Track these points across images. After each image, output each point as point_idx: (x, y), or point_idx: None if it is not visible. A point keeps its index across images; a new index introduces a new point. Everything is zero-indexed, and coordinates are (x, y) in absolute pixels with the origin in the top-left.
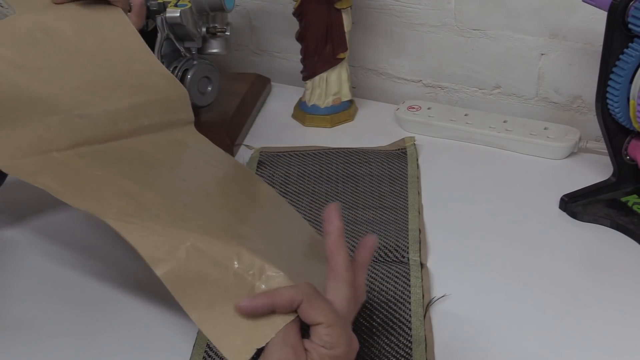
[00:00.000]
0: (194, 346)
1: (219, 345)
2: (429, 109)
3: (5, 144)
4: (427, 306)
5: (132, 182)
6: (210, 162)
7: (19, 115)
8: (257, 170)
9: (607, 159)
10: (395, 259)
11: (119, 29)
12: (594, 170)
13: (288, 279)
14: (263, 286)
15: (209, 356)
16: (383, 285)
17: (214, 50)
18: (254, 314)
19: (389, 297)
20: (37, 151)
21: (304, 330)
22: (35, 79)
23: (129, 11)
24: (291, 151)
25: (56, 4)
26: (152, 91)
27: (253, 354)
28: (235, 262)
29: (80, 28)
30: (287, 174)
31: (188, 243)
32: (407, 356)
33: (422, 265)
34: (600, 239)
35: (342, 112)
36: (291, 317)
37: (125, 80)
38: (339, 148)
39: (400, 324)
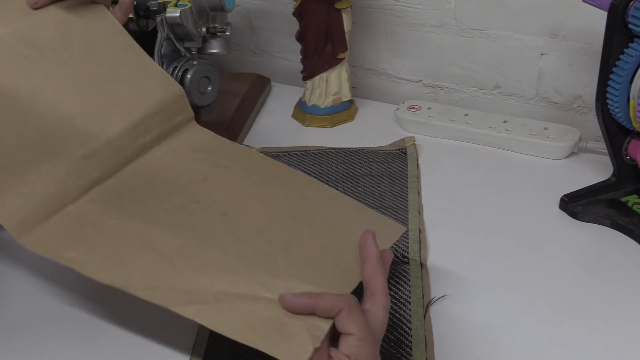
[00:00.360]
0: (193, 346)
1: (276, 353)
2: (429, 109)
3: (20, 207)
4: (427, 306)
5: (148, 225)
6: (219, 163)
7: (25, 168)
8: None
9: (607, 159)
10: (395, 259)
11: (105, 29)
12: (594, 170)
13: (316, 290)
14: None
15: (209, 357)
16: None
17: (214, 50)
18: (293, 310)
19: (389, 297)
20: (54, 210)
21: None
22: (32, 110)
23: (114, 3)
24: (291, 151)
25: (34, 9)
26: (148, 100)
27: (311, 353)
28: (263, 291)
29: (66, 35)
30: None
31: (214, 290)
32: (407, 356)
33: (422, 265)
34: (600, 239)
35: (342, 112)
36: (330, 323)
37: (120, 92)
38: (339, 148)
39: (400, 324)
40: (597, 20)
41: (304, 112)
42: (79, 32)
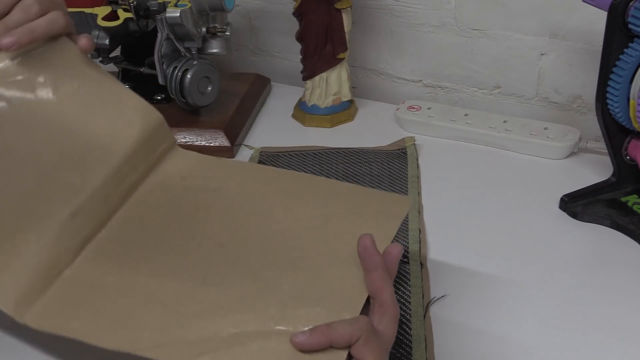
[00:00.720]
0: None
1: None
2: (429, 109)
3: (14, 286)
4: (427, 306)
5: (147, 276)
6: (208, 187)
7: (13, 241)
8: None
9: (607, 159)
10: None
11: (72, 63)
12: (594, 170)
13: (326, 313)
14: (306, 328)
15: None
16: None
17: (214, 50)
18: (309, 350)
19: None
20: (50, 280)
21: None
22: (9, 170)
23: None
24: (291, 151)
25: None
26: (129, 136)
27: None
28: (272, 324)
29: (33, 77)
30: None
31: (223, 334)
32: (407, 356)
33: (422, 265)
34: (600, 239)
35: (342, 112)
36: (347, 351)
37: (97, 131)
38: (339, 148)
39: (400, 324)
40: (597, 20)
41: (304, 112)
42: (45, 72)
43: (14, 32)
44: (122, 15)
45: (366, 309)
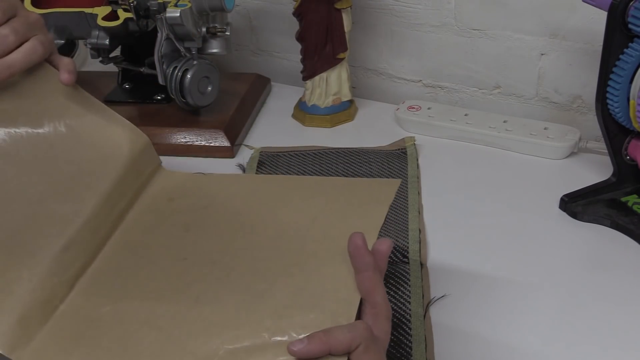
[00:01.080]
0: None
1: None
2: (429, 109)
3: (10, 326)
4: (427, 306)
5: (140, 300)
6: (197, 205)
7: (5, 280)
8: (257, 170)
9: (607, 159)
10: (395, 259)
11: (53, 88)
12: (594, 170)
13: (322, 318)
14: (302, 336)
15: None
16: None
17: (214, 50)
18: (307, 358)
19: (389, 297)
20: (46, 317)
21: None
22: (0, 208)
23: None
24: (291, 151)
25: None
26: (117, 161)
27: None
28: (268, 336)
29: (15, 105)
30: (287, 174)
31: (220, 352)
32: (407, 356)
33: (422, 265)
34: (600, 239)
35: (342, 112)
36: (345, 358)
37: (85, 157)
38: (339, 148)
39: (400, 324)
40: (597, 20)
41: (304, 112)
42: (26, 104)
43: None
44: (122, 15)
45: (358, 309)
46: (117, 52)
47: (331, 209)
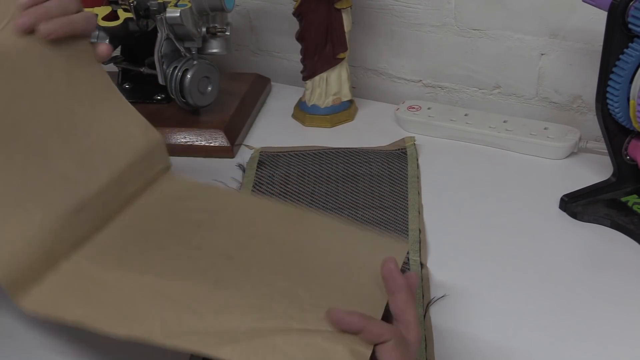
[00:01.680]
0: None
1: None
2: (429, 109)
3: (10, 258)
4: (427, 306)
5: (152, 275)
6: (208, 209)
7: (16, 209)
8: (257, 170)
9: (607, 159)
10: None
11: (86, 65)
12: (594, 170)
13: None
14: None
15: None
16: None
17: (214, 50)
18: (340, 326)
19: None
20: (46, 267)
21: None
22: (17, 141)
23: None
24: (291, 151)
25: (48, 38)
26: (131, 147)
27: None
28: (294, 324)
29: (49, 64)
30: (287, 174)
31: (242, 329)
32: None
33: (422, 265)
34: (600, 239)
35: (342, 112)
36: (371, 349)
37: (103, 135)
38: (339, 148)
39: None
40: (597, 20)
41: (304, 112)
42: (61, 64)
43: (55, 21)
44: (122, 15)
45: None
46: (117, 52)
47: (349, 248)
